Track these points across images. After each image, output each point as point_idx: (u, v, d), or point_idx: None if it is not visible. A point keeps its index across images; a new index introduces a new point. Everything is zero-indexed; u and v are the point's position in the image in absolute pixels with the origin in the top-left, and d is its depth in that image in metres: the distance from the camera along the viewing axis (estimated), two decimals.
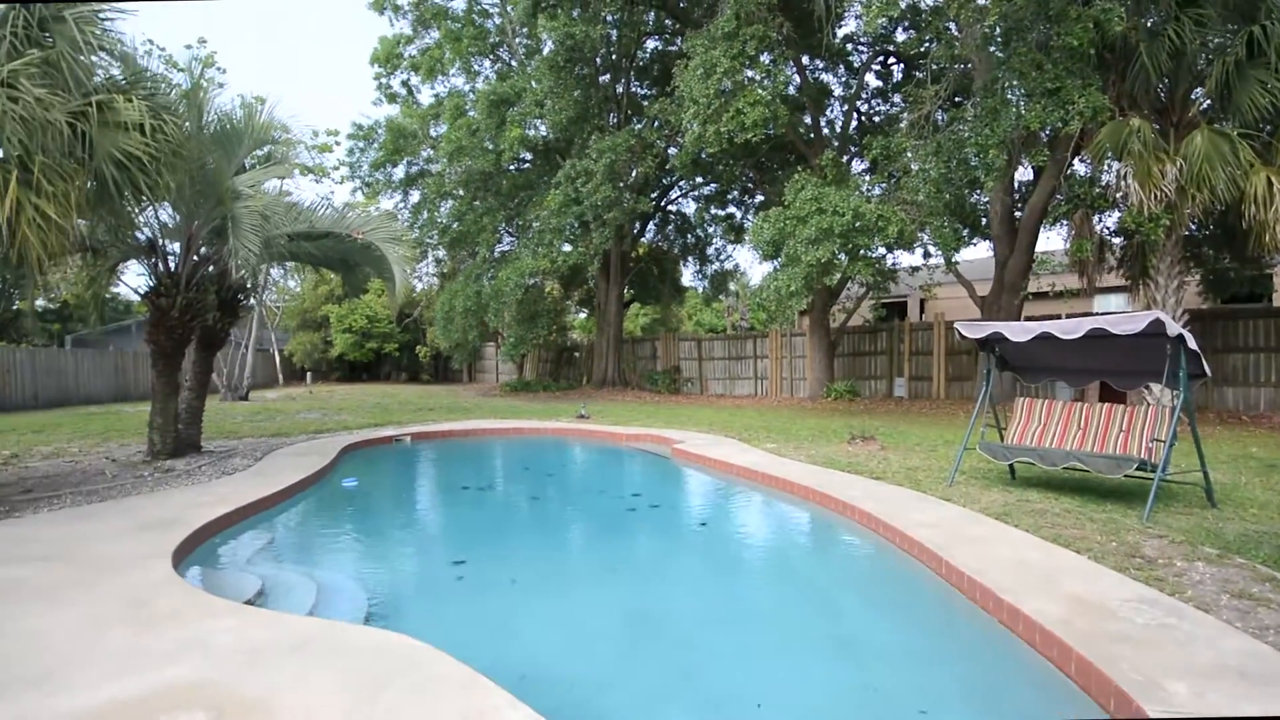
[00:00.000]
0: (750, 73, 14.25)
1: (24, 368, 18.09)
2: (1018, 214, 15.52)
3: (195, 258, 9.03)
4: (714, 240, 26.78)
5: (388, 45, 24.84)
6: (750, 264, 46.27)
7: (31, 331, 29.71)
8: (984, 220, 16.39)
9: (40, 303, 30.44)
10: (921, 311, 24.80)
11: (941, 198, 12.81)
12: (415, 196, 25.89)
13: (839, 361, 19.73)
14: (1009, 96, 12.23)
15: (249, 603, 4.14)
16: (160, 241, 8.96)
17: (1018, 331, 6.51)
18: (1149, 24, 11.69)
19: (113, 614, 3.66)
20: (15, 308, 29.03)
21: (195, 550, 5.28)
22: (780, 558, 6.11)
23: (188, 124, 7.79)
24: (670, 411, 16.68)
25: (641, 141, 18.72)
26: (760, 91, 13.86)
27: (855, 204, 12.86)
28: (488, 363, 33.98)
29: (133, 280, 19.36)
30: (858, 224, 12.81)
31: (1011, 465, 7.31)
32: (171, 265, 8.98)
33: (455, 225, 22.81)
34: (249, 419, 14.72)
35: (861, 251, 13.32)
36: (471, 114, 20.88)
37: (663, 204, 25.48)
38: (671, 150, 19.29)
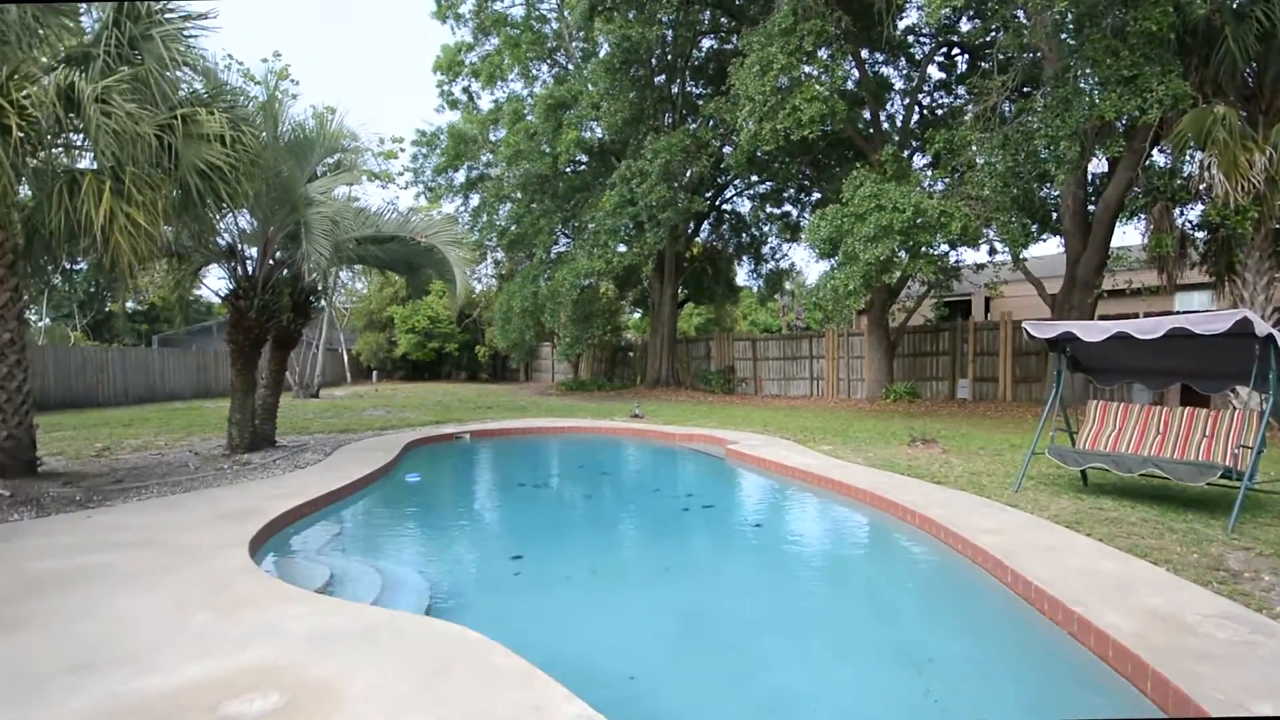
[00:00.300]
0: (807, 68, 14.02)
1: (115, 366, 19.38)
2: (1091, 208, 14.81)
3: (271, 262, 9.49)
4: (769, 239, 26.52)
5: (449, 53, 25.48)
6: (806, 263, 45.53)
7: (122, 332, 31.75)
8: (1054, 215, 15.71)
9: (130, 305, 32.45)
10: (987, 310, 23.93)
11: (1009, 192, 12.35)
12: (475, 200, 26.49)
13: (899, 362, 19.23)
14: (1082, 85, 11.70)
15: (319, 591, 4.34)
16: (239, 246, 9.44)
17: (1091, 331, 6.22)
18: (1234, 5, 11.00)
19: (194, 599, 3.89)
20: (108, 310, 31.07)
21: (270, 540, 5.56)
22: (836, 562, 6.02)
23: (264, 134, 8.21)
24: (724, 412, 16.60)
25: (696, 141, 18.67)
26: (818, 87, 13.63)
27: (916, 200, 12.49)
28: (544, 362, 34.47)
29: (214, 283, 20.41)
30: (919, 220, 12.44)
31: (1084, 471, 6.98)
32: (249, 269, 9.46)
33: (513, 227, 23.25)
34: (319, 415, 15.35)
35: (923, 249, 12.91)
36: (529, 118, 21.21)
37: (717, 203, 25.36)
38: (726, 149, 19.17)
